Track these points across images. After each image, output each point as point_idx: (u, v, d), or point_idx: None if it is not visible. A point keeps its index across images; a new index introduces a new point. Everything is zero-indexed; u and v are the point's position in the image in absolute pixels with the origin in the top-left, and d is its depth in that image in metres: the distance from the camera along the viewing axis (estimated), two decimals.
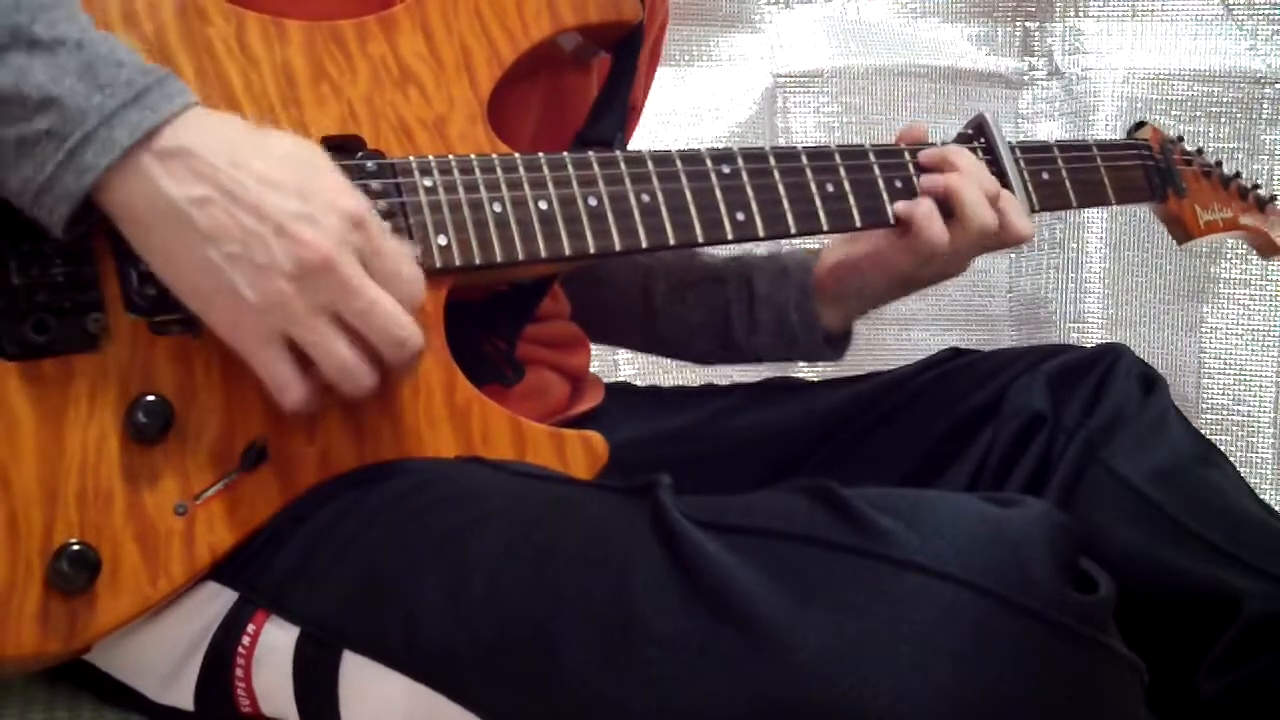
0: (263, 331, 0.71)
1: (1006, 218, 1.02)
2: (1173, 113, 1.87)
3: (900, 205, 1.00)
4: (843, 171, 0.97)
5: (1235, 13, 1.86)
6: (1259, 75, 1.85)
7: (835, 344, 1.13)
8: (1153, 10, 1.89)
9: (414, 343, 0.74)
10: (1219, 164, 1.27)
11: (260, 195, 0.70)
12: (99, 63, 0.69)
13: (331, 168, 0.74)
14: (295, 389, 0.73)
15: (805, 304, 1.10)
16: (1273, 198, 1.29)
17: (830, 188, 0.96)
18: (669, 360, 1.26)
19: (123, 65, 0.69)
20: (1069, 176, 1.10)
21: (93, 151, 0.68)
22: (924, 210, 0.99)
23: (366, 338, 0.73)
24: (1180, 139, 1.25)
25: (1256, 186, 1.28)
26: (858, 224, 0.98)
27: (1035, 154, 1.09)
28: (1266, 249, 1.30)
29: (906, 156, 1.02)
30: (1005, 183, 1.04)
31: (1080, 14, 1.90)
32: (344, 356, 0.72)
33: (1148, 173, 1.18)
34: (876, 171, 0.99)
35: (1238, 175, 1.27)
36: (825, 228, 0.96)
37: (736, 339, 1.14)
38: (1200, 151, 1.27)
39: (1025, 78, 1.92)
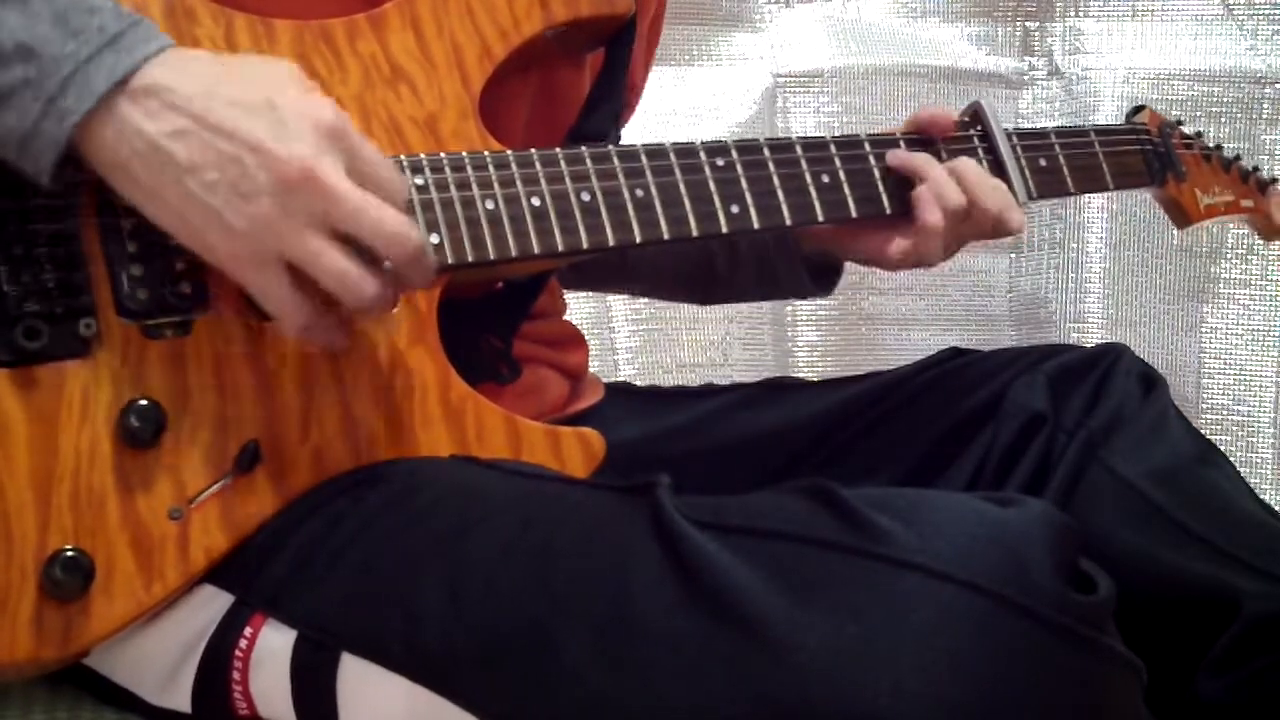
0: (258, 256, 0.70)
1: (983, 204, 0.98)
2: (1173, 113, 1.85)
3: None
4: (838, 162, 0.96)
5: (1235, 13, 1.86)
6: (1259, 75, 1.85)
7: (823, 279, 1.11)
8: (1153, 10, 1.89)
9: (413, 238, 0.72)
10: (1219, 147, 1.26)
11: (234, 119, 0.69)
12: (72, 10, 0.68)
13: (303, 80, 0.72)
14: (296, 311, 0.71)
15: (784, 243, 1.08)
16: (1273, 180, 1.28)
17: (825, 178, 0.95)
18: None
19: (95, 11, 0.69)
20: (1067, 163, 1.09)
21: (71, 98, 0.67)
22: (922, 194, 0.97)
23: (363, 241, 0.71)
24: (1180, 122, 1.24)
25: (1257, 169, 1.27)
26: (853, 214, 0.97)
27: (1032, 141, 1.08)
28: (1267, 231, 1.29)
29: (902, 146, 1.01)
30: (1002, 170, 1.04)
31: (1080, 14, 1.90)
32: (341, 264, 0.70)
33: (1146, 157, 1.17)
34: (872, 161, 0.99)
35: (1238, 158, 1.26)
36: (820, 218, 0.95)
37: (719, 273, 1.13)
38: (1200, 135, 1.26)
39: (1025, 78, 1.92)
